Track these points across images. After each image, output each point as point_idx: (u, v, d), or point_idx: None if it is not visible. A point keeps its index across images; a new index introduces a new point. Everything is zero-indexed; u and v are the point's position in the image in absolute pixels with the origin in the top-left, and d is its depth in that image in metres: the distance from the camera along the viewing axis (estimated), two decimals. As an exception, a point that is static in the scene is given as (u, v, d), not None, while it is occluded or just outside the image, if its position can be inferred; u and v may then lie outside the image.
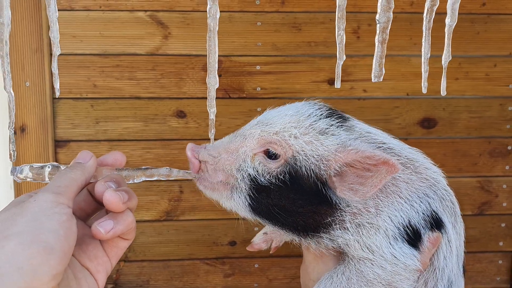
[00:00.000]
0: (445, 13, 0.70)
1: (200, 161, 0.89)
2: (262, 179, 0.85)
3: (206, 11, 2.15)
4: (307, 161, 0.83)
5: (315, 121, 0.87)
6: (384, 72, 0.65)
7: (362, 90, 2.04)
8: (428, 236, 0.86)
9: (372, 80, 0.65)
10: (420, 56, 2.16)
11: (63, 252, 0.62)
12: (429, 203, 0.88)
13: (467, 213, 2.15)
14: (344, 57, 0.65)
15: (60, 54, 2.09)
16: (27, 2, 1.89)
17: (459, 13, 0.75)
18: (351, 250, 0.86)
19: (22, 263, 0.59)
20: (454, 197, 0.93)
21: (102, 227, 0.70)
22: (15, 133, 1.98)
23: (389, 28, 0.63)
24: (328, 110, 0.91)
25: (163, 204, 2.07)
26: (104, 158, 0.79)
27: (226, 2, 1.98)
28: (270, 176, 0.85)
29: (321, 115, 0.88)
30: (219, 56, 2.24)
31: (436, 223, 0.88)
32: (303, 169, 0.84)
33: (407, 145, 0.94)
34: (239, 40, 1.99)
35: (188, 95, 2.02)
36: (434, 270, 0.90)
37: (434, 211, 0.88)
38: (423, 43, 0.65)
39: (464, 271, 0.97)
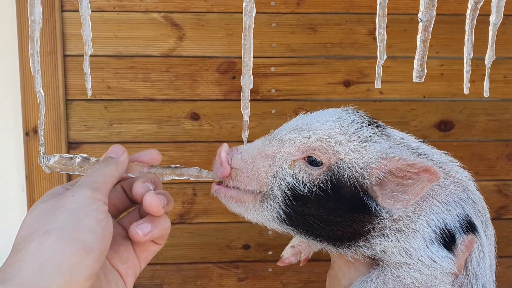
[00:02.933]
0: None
1: (231, 168, 0.84)
2: (302, 188, 0.81)
3: (220, 12, 2.12)
4: (351, 169, 0.81)
5: (358, 128, 0.84)
6: (426, 72, 0.62)
7: (378, 92, 2.02)
8: (462, 239, 0.85)
9: (414, 80, 0.63)
10: (436, 58, 2.13)
11: (100, 251, 0.61)
12: (463, 207, 0.87)
13: (484, 217, 2.12)
14: (385, 56, 0.62)
15: (74, 55, 2.08)
16: (41, 3, 1.87)
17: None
18: (387, 256, 0.84)
19: (62, 261, 0.58)
20: (484, 202, 0.93)
21: (141, 229, 0.68)
22: (27, 134, 1.96)
23: (431, 26, 0.60)
24: (368, 117, 0.88)
25: (176, 207, 2.05)
26: (140, 155, 0.77)
27: (241, 3, 1.96)
28: (311, 184, 0.82)
29: (363, 122, 0.86)
30: (233, 57, 2.22)
31: (469, 227, 0.87)
32: (346, 177, 0.81)
33: (436, 148, 0.92)
34: (254, 41, 1.95)
35: (202, 97, 2.00)
36: (468, 274, 0.88)
37: (467, 215, 0.87)
38: (465, 43, 0.62)
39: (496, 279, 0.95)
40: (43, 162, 0.74)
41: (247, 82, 0.64)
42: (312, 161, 0.83)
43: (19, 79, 1.94)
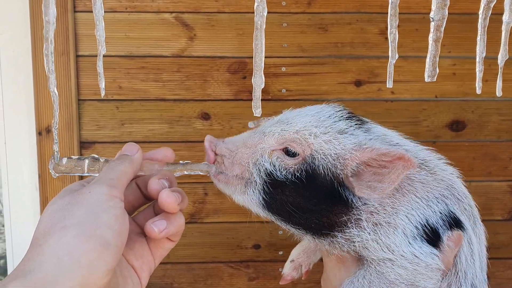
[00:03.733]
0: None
1: (216, 154, 0.89)
2: (279, 174, 0.85)
3: (231, 13, 2.13)
4: (325, 160, 0.84)
5: (335, 121, 0.87)
6: (438, 71, 0.62)
7: (390, 92, 2.01)
8: (448, 236, 0.86)
9: (426, 79, 0.63)
10: (449, 57, 2.11)
11: (117, 247, 0.62)
12: (446, 204, 0.87)
13: (497, 218, 2.10)
14: (397, 56, 0.62)
15: (86, 56, 2.10)
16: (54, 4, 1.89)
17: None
18: (370, 252, 0.85)
19: (80, 257, 0.58)
20: (471, 199, 0.93)
21: (156, 226, 0.69)
22: (40, 134, 1.98)
23: (443, 26, 0.60)
24: (348, 112, 0.91)
25: (187, 206, 2.05)
26: (154, 154, 0.78)
27: (251, 3, 1.96)
28: (286, 172, 0.85)
29: (341, 116, 0.88)
30: (244, 57, 2.23)
31: (455, 224, 0.87)
32: (320, 167, 0.84)
33: (422, 145, 0.93)
34: (265, 41, 1.97)
35: (212, 97, 2.00)
36: (457, 272, 0.88)
37: (451, 212, 0.87)
38: (478, 42, 0.62)
39: (488, 279, 0.95)
40: (53, 163, 0.74)
41: (258, 82, 0.64)
42: (288, 151, 0.86)
43: (32, 79, 1.96)
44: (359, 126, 0.88)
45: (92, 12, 0.64)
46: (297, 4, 1.97)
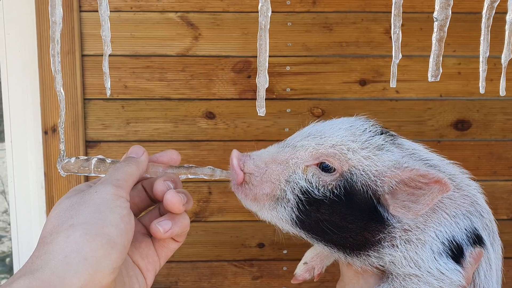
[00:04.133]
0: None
1: (244, 173, 0.85)
2: (316, 192, 0.82)
3: (235, 12, 2.13)
4: (364, 176, 0.82)
5: (371, 136, 0.85)
6: (441, 71, 0.62)
7: (394, 91, 2.01)
8: (470, 252, 0.85)
9: (429, 79, 0.63)
10: (453, 56, 2.10)
11: (123, 246, 0.63)
12: (471, 220, 0.87)
13: (502, 218, 2.09)
14: (400, 56, 0.62)
15: (92, 55, 2.11)
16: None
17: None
18: (396, 267, 0.84)
19: (87, 254, 0.60)
20: (492, 215, 0.93)
21: (162, 226, 0.70)
22: (46, 133, 1.99)
23: (447, 26, 0.60)
24: (380, 126, 0.89)
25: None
26: (160, 156, 0.79)
27: (256, 3, 1.96)
28: (324, 189, 0.82)
29: (375, 131, 0.86)
30: (248, 57, 2.23)
31: (477, 240, 0.87)
32: (359, 184, 0.82)
33: (447, 159, 0.92)
34: (269, 40, 1.97)
35: (217, 96, 2.01)
36: (475, 287, 0.89)
37: (475, 228, 0.87)
38: (481, 42, 0.62)
39: None
40: (61, 163, 0.76)
41: (262, 81, 0.64)
42: (324, 168, 0.83)
43: (38, 79, 1.97)
44: (393, 141, 0.87)
45: (97, 11, 0.65)
46: (301, 3, 1.97)
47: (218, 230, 2.10)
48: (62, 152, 0.73)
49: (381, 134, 0.86)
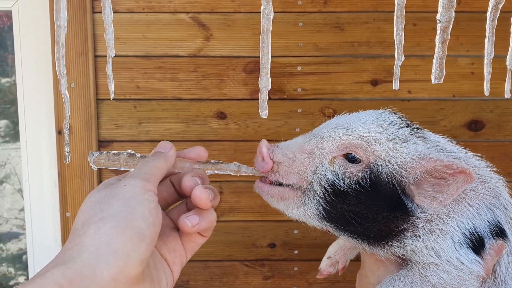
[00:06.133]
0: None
1: (273, 162, 0.87)
2: (342, 184, 0.84)
3: (247, 12, 2.13)
4: (390, 167, 0.83)
5: (397, 129, 0.87)
6: (444, 73, 0.62)
7: (406, 91, 1.99)
8: (491, 244, 0.86)
9: (432, 81, 0.62)
10: (467, 56, 2.07)
11: (152, 239, 0.64)
12: (494, 213, 0.87)
13: (516, 219, 2.06)
14: (403, 58, 0.62)
15: (104, 56, 2.13)
16: (73, 6, 1.93)
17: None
18: (417, 255, 0.85)
19: (117, 247, 0.61)
20: None
21: (190, 220, 0.71)
22: (59, 133, 2.02)
23: (450, 27, 0.60)
24: (406, 119, 0.91)
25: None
26: (188, 152, 0.81)
27: (268, 3, 1.96)
28: (350, 180, 0.84)
29: (401, 123, 0.88)
30: (259, 57, 2.22)
31: (499, 233, 0.88)
32: (384, 175, 0.83)
33: (470, 151, 0.93)
34: (280, 40, 1.98)
35: (228, 97, 2.02)
36: (496, 279, 0.89)
37: (498, 221, 0.88)
38: (486, 43, 0.62)
39: None
40: (92, 157, 0.78)
41: (265, 84, 0.65)
42: (351, 159, 0.85)
43: (52, 80, 2.00)
44: (418, 134, 0.89)
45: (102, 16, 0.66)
46: (313, 3, 1.96)
47: (230, 230, 2.10)
48: (67, 153, 0.74)
49: (407, 127, 0.88)
